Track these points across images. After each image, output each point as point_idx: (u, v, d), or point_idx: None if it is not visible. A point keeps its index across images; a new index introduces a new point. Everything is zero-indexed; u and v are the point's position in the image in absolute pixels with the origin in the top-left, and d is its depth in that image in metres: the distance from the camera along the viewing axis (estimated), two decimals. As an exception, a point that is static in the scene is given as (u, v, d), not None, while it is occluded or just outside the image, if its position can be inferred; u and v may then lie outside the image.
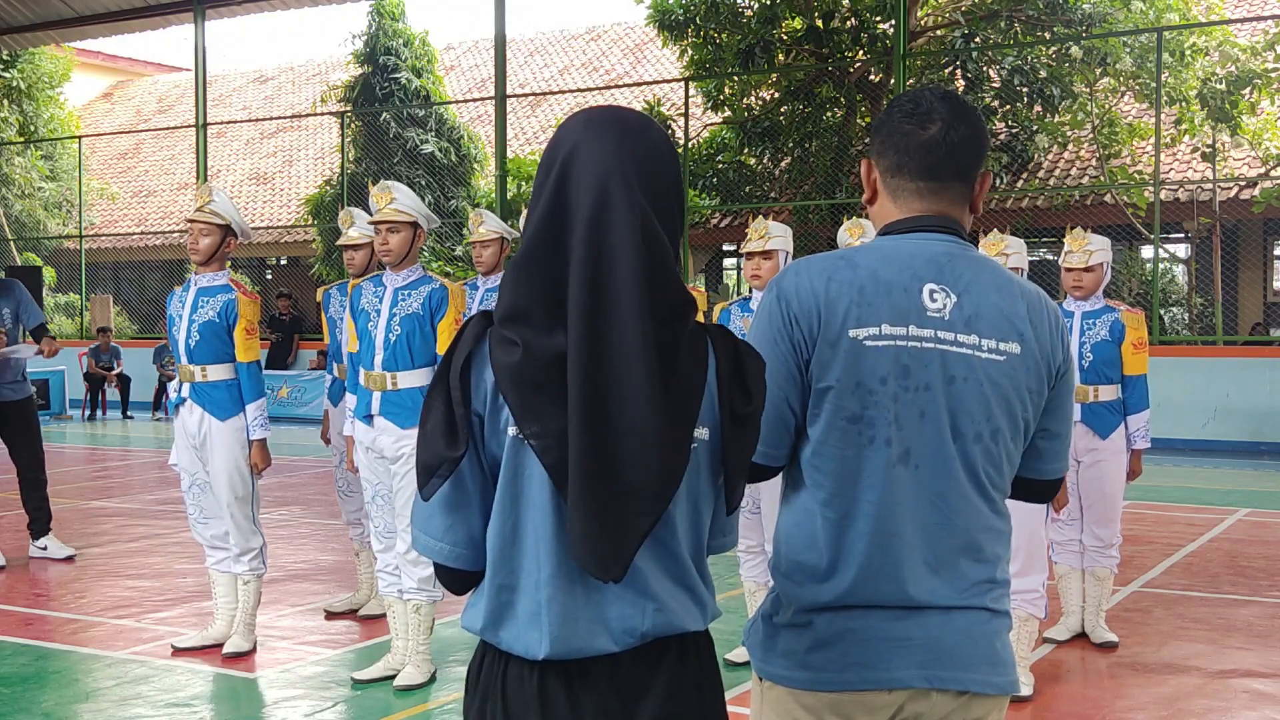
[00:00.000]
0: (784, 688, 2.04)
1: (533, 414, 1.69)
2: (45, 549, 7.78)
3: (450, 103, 21.51)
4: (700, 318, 4.76)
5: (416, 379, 5.08)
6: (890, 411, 1.98)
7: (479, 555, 1.80)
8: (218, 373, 5.50)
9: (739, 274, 16.36)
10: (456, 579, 1.83)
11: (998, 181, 16.60)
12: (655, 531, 1.73)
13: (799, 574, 2.04)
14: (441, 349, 5.09)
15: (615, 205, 1.71)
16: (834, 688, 2.00)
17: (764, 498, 5.29)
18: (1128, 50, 15.53)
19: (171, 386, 5.65)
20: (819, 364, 2.00)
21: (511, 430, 1.73)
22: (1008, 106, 16.57)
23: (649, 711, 1.77)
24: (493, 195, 19.03)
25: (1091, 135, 16.47)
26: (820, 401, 2.00)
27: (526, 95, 23.14)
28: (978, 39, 16.54)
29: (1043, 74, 16.11)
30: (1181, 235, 18.74)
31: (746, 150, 17.88)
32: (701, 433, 1.75)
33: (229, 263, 5.69)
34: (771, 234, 5.21)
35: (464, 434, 1.73)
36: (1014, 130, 16.71)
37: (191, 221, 5.49)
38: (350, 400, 5.27)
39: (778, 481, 2.20)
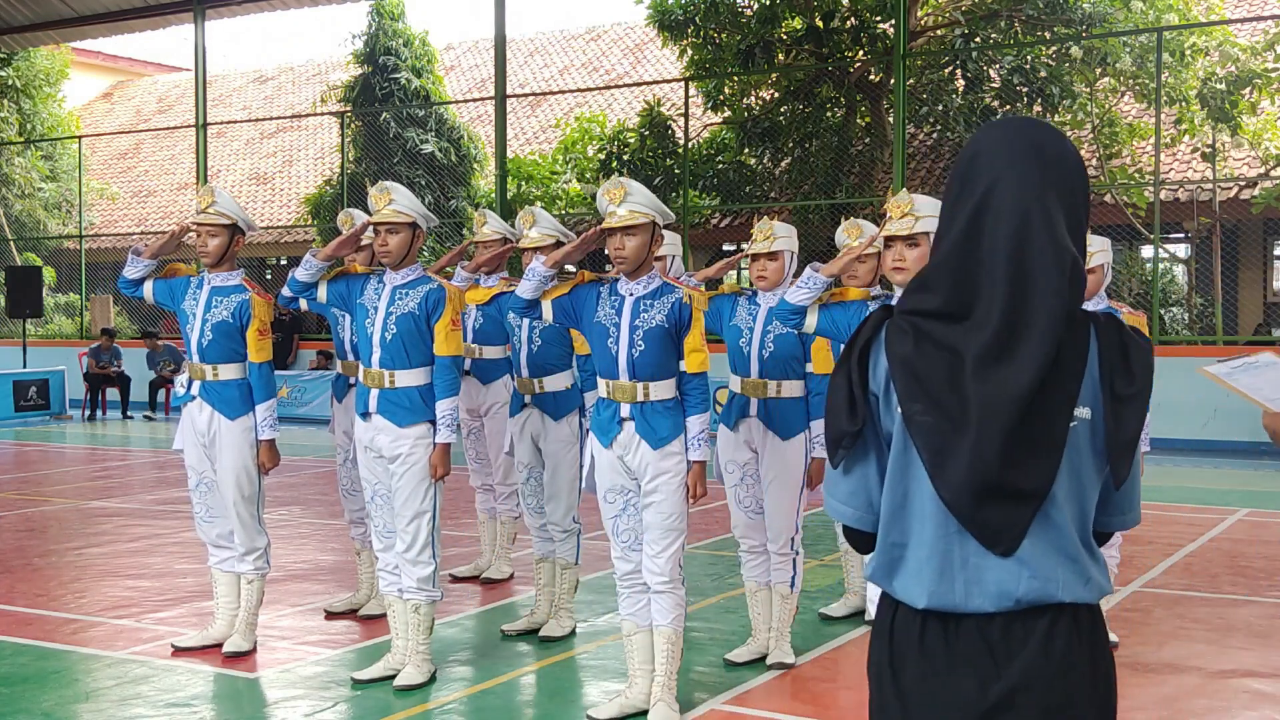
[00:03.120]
0: None
1: (914, 398, 1.90)
2: None
3: (450, 103, 21.50)
4: (700, 318, 4.75)
5: (414, 378, 5.07)
6: None
7: (878, 518, 2.02)
8: (229, 372, 5.50)
9: (739, 274, 16.35)
10: (862, 539, 2.08)
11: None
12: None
13: None
14: (438, 349, 5.08)
15: (1034, 232, 1.89)
16: None
17: (767, 498, 5.29)
18: (1128, 50, 15.52)
19: (179, 381, 5.64)
20: None
21: (899, 410, 1.94)
22: (1008, 106, 16.55)
23: (1015, 673, 1.90)
24: (493, 195, 19.03)
25: (1091, 135, 16.46)
26: None
27: (526, 95, 23.12)
28: (978, 39, 16.53)
29: (1043, 74, 16.10)
30: (1181, 235, 18.73)
31: (746, 150, 17.87)
32: (1083, 412, 1.91)
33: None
34: (777, 235, 5.21)
35: (862, 411, 1.98)
36: (1014, 130, 16.69)
37: (198, 225, 5.48)
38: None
39: (778, 481, 2.32)
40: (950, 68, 16.80)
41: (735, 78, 17.57)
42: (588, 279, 4.82)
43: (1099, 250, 5.58)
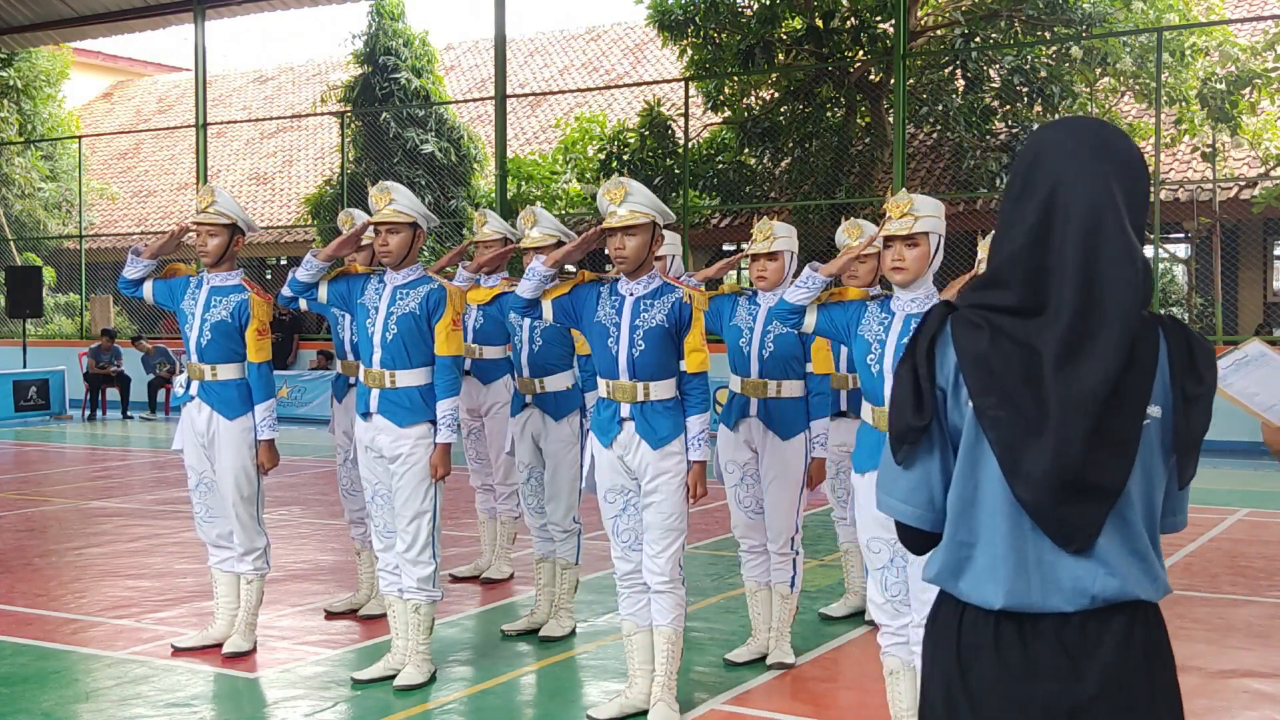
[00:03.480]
0: None
1: (987, 392, 1.89)
2: None
3: (450, 103, 21.50)
4: (700, 318, 4.74)
5: (414, 378, 5.07)
6: None
7: (938, 517, 1.99)
8: (228, 372, 5.49)
9: (739, 274, 16.35)
10: (917, 539, 2.04)
11: (998, 181, 16.60)
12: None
13: None
14: (439, 350, 5.08)
15: (1106, 229, 1.89)
16: None
17: (766, 498, 5.29)
18: (1128, 50, 15.53)
19: (178, 381, 5.65)
20: None
21: (971, 404, 1.92)
22: (1008, 106, 16.56)
23: (1096, 672, 1.89)
24: (493, 195, 19.02)
25: (1091, 135, 16.44)
26: None
27: (526, 95, 23.12)
28: (978, 39, 16.53)
29: (1043, 74, 16.11)
30: (1181, 235, 18.74)
31: (746, 150, 17.87)
32: (1154, 410, 1.91)
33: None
34: (777, 235, 5.21)
35: (929, 406, 1.94)
36: (1014, 130, 16.70)
37: (198, 224, 5.48)
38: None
39: (778, 481, 2.29)
40: (950, 68, 16.81)
41: (735, 78, 17.57)
42: (588, 279, 4.82)
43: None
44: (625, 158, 17.65)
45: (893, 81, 15.59)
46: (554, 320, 4.85)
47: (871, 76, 17.36)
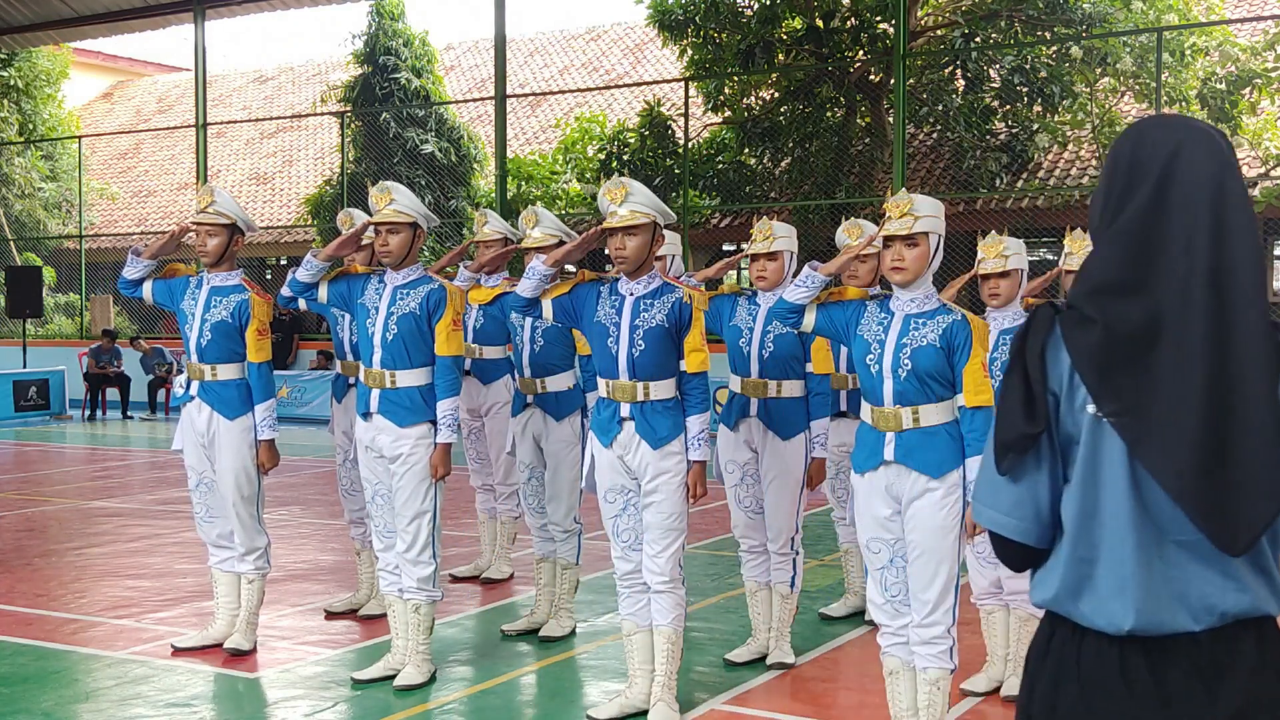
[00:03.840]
0: None
1: (1111, 393, 1.76)
2: None
3: (450, 103, 21.50)
4: (700, 318, 4.75)
5: (415, 378, 5.07)
6: None
7: (1044, 531, 1.86)
8: (228, 372, 5.49)
9: (739, 274, 16.35)
10: (1018, 554, 1.90)
11: (997, 181, 16.60)
12: None
13: None
14: (439, 350, 5.08)
15: (1229, 197, 1.79)
16: None
17: (766, 498, 5.29)
18: (1128, 50, 15.52)
19: (178, 382, 5.64)
20: None
21: (1090, 409, 1.80)
22: (1008, 106, 16.56)
23: (1232, 693, 1.77)
24: (493, 195, 19.02)
25: (1091, 135, 16.46)
26: None
27: (526, 95, 23.12)
28: (978, 39, 16.53)
29: (1043, 74, 16.10)
30: (1181, 235, 18.70)
31: (746, 150, 17.86)
32: None
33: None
34: (777, 235, 5.21)
35: (1042, 412, 1.82)
36: (1014, 130, 16.70)
37: (198, 224, 5.48)
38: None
39: (778, 481, 2.23)
40: (950, 68, 16.80)
41: (735, 78, 17.56)
42: (588, 278, 4.82)
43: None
44: (625, 158, 17.65)
45: (893, 81, 15.58)
46: (554, 320, 4.85)
47: (871, 76, 17.36)
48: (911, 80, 15.87)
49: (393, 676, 5.17)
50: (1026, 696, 1.89)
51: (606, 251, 4.64)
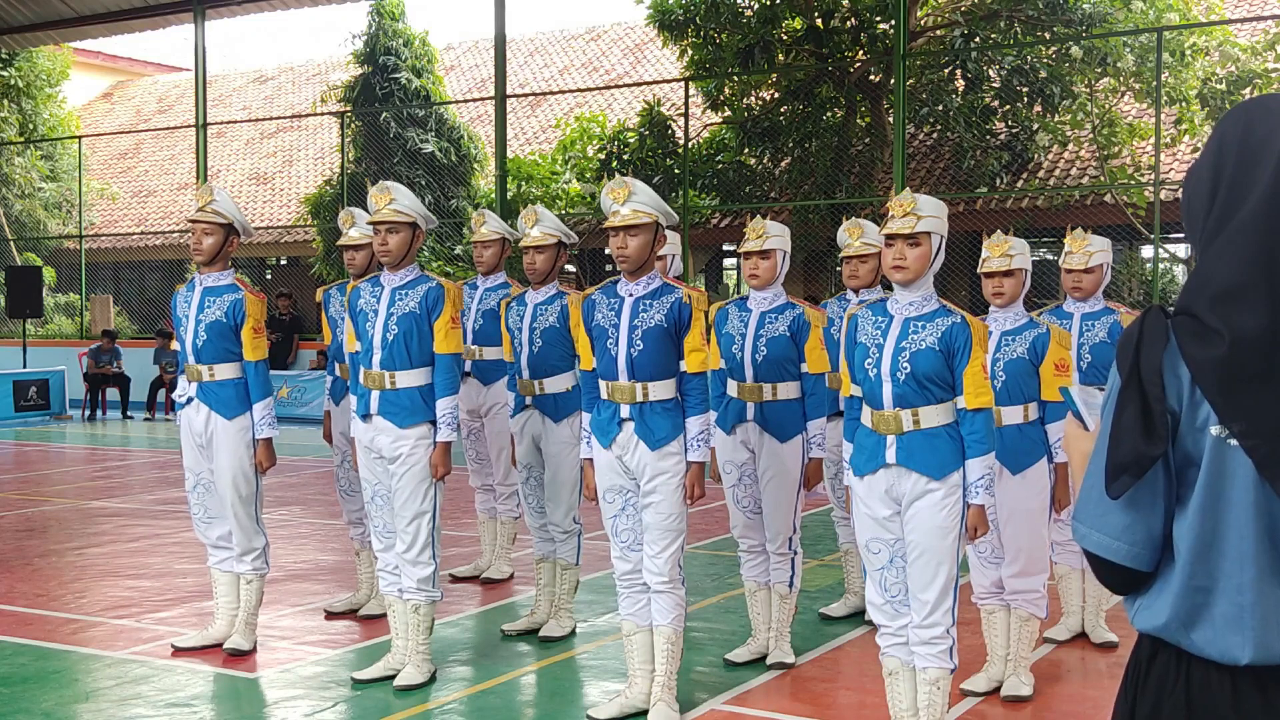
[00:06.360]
0: None
1: (1239, 411, 1.64)
2: None
3: (450, 103, 21.49)
4: (700, 318, 4.75)
5: (415, 379, 5.07)
6: None
7: (1155, 555, 1.75)
8: (224, 372, 5.50)
9: (739, 274, 16.35)
10: (1125, 578, 1.78)
11: (998, 181, 16.59)
12: None
13: None
14: (438, 347, 5.08)
15: None
16: None
17: (764, 498, 5.29)
18: (1128, 50, 15.52)
19: (179, 390, 5.63)
20: None
21: (1214, 429, 1.68)
22: (1008, 106, 16.56)
23: None
24: (493, 195, 19.02)
25: (1091, 135, 16.46)
26: None
27: (526, 95, 23.12)
28: (978, 39, 16.53)
29: (1043, 74, 16.10)
30: (1181, 235, 18.73)
31: (746, 150, 17.86)
32: None
33: (231, 262, 5.69)
34: (769, 234, 5.22)
35: (1163, 431, 1.69)
36: (1014, 130, 16.71)
37: (194, 222, 5.49)
38: (353, 401, 5.27)
39: (775, 481, 2.19)
40: (950, 68, 16.80)
41: (735, 78, 17.56)
42: (585, 295, 4.84)
43: (1099, 250, 5.59)
44: (625, 158, 17.65)
45: (893, 81, 15.58)
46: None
47: (871, 76, 17.36)
48: (911, 80, 15.87)
49: (393, 676, 5.17)
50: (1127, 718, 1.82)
51: (608, 251, 4.64)
